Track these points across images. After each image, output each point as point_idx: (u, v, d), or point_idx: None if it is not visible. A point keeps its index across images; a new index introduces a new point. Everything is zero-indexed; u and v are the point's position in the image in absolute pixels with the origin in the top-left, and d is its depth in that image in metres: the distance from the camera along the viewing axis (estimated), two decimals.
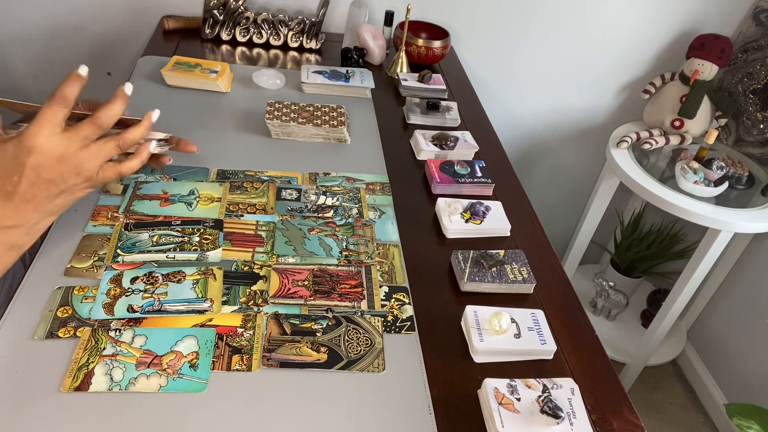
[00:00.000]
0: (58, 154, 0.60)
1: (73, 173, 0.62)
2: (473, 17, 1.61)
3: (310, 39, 1.43)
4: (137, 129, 0.66)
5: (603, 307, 1.88)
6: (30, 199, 0.61)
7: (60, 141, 0.60)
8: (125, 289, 0.71)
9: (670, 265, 1.89)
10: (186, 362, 0.64)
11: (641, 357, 1.73)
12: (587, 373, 0.72)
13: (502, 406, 0.62)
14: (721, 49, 1.51)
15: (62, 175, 0.61)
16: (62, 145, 0.60)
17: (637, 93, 1.77)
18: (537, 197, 1.98)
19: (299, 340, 0.68)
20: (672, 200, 1.40)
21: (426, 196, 0.98)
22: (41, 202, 0.62)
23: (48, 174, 0.60)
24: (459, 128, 1.21)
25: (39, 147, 0.59)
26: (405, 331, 0.72)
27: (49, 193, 0.62)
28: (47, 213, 0.63)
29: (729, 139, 1.67)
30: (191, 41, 1.39)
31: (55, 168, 0.60)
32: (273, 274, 0.76)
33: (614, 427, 0.66)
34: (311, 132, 1.06)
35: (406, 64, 1.39)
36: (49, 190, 0.61)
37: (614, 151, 1.57)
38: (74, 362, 0.62)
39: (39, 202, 0.61)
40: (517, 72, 1.72)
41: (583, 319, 0.80)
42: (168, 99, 1.12)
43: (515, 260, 0.83)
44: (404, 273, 0.81)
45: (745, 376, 1.69)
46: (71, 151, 0.61)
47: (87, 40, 1.57)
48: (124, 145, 0.65)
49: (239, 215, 0.85)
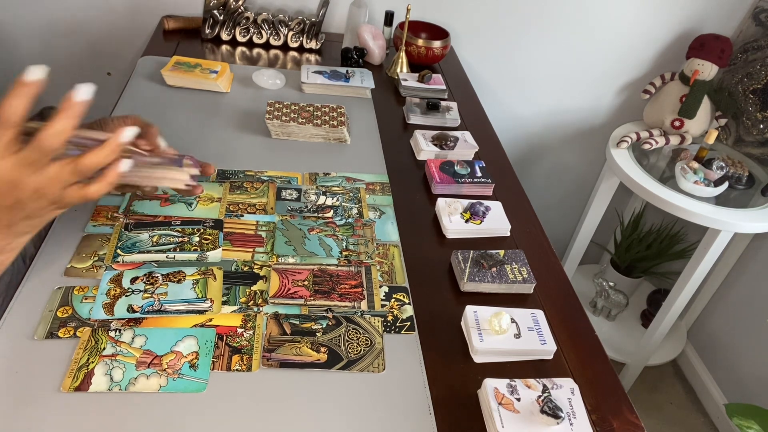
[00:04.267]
0: (9, 180, 0.55)
1: (33, 198, 0.57)
2: (473, 17, 1.61)
3: (310, 39, 1.43)
4: (97, 153, 0.58)
5: (603, 307, 1.88)
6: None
7: (9, 166, 0.54)
8: (125, 289, 0.71)
9: (670, 265, 1.89)
10: (186, 362, 0.64)
11: (641, 357, 1.73)
12: (587, 373, 0.72)
13: (502, 406, 0.62)
14: (721, 49, 1.51)
15: (21, 201, 0.57)
16: (11, 171, 0.54)
17: (637, 93, 1.77)
18: (537, 197, 1.98)
19: (299, 340, 0.68)
20: (672, 200, 1.40)
21: (426, 196, 0.98)
22: (8, 226, 0.58)
23: (6, 201, 0.56)
24: (459, 128, 1.21)
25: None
26: (405, 331, 0.72)
27: (14, 217, 0.58)
28: (18, 233, 0.60)
29: (729, 139, 1.67)
30: (191, 41, 1.39)
31: (11, 194, 0.56)
32: (273, 274, 0.76)
33: (614, 427, 0.66)
34: (311, 132, 1.06)
35: (406, 64, 1.39)
36: (12, 215, 0.57)
37: (614, 151, 1.57)
38: (74, 362, 0.62)
39: (5, 226, 0.58)
40: (517, 72, 1.72)
41: (583, 319, 0.80)
42: (168, 99, 1.12)
43: (515, 260, 0.83)
44: (404, 273, 0.81)
45: (745, 376, 1.69)
46: (22, 177, 0.55)
47: (87, 40, 1.57)
48: (83, 170, 0.58)
49: (239, 215, 0.85)
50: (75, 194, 0.59)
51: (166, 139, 0.74)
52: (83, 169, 0.58)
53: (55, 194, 0.58)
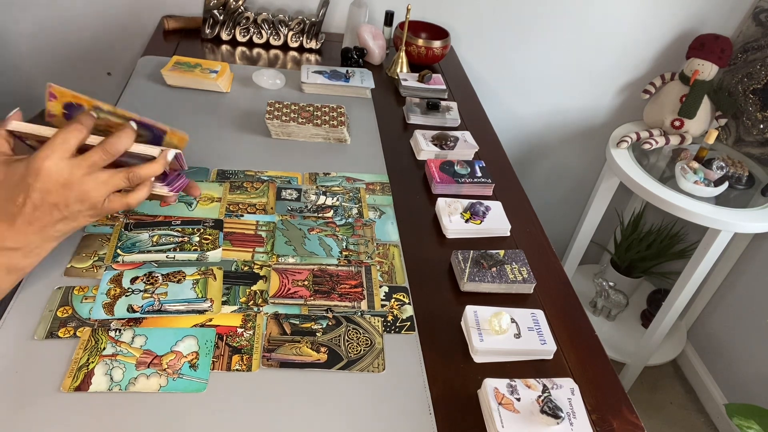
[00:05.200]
0: (64, 179, 0.60)
1: (78, 200, 0.61)
2: (473, 17, 1.61)
3: (310, 39, 1.43)
4: (152, 166, 0.65)
5: (603, 307, 1.88)
6: (32, 221, 0.60)
7: (67, 166, 0.60)
8: (125, 289, 0.71)
9: (670, 265, 1.89)
10: (186, 362, 0.64)
11: (641, 357, 1.73)
12: (587, 373, 0.72)
13: (502, 406, 0.62)
14: (721, 49, 1.51)
15: (67, 200, 0.61)
16: (69, 170, 0.60)
17: (637, 93, 1.77)
18: (537, 197, 1.98)
19: (299, 340, 0.68)
20: (672, 200, 1.40)
21: (426, 196, 0.98)
22: (43, 226, 0.61)
23: (53, 198, 0.60)
24: (459, 128, 1.20)
25: (46, 170, 0.59)
26: (405, 331, 0.72)
27: (51, 218, 0.61)
28: (48, 238, 0.63)
29: (729, 139, 1.67)
30: (191, 41, 1.39)
31: (60, 193, 0.60)
32: (273, 274, 0.76)
33: (614, 427, 0.66)
34: (311, 132, 1.06)
35: (406, 64, 1.39)
36: (52, 215, 0.61)
37: (614, 151, 1.57)
38: (74, 362, 0.62)
39: (41, 226, 0.61)
40: (517, 72, 1.72)
41: (583, 319, 0.80)
42: (168, 99, 1.12)
43: (515, 260, 0.83)
44: (404, 273, 0.81)
45: (745, 376, 1.69)
46: (77, 177, 0.60)
47: (87, 40, 1.57)
48: (134, 179, 0.64)
49: (239, 215, 0.85)
50: (117, 201, 0.65)
51: None
52: (135, 178, 0.64)
53: (98, 199, 0.62)
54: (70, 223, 0.63)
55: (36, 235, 0.61)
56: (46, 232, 0.62)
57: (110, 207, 0.64)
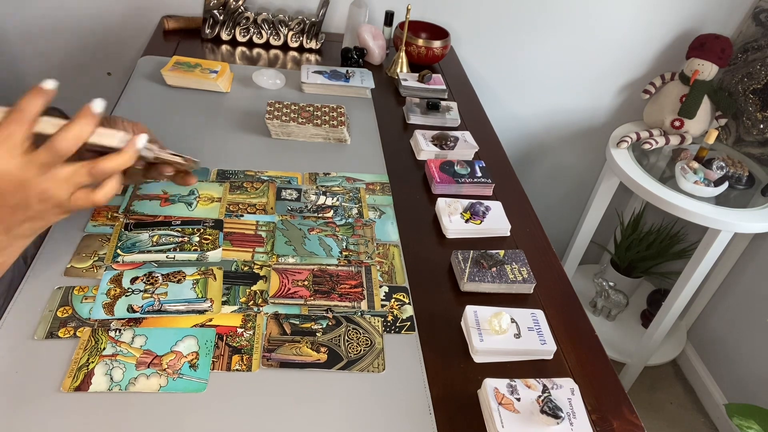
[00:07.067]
0: (18, 180, 0.54)
1: (39, 200, 0.56)
2: (473, 17, 1.61)
3: (310, 39, 1.43)
4: (116, 158, 0.58)
5: (603, 307, 1.88)
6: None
7: (19, 165, 0.53)
8: (125, 289, 0.71)
9: (670, 265, 1.89)
10: (186, 362, 0.64)
11: (641, 357, 1.73)
12: (587, 373, 0.72)
13: (502, 406, 0.62)
14: (721, 49, 1.51)
15: (27, 201, 0.56)
16: (20, 170, 0.54)
17: (637, 93, 1.77)
18: (537, 197, 1.98)
19: (299, 340, 0.68)
20: (672, 200, 1.40)
21: (426, 196, 0.98)
22: (8, 227, 0.57)
23: (11, 200, 0.55)
24: (459, 128, 1.20)
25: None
26: (405, 331, 0.72)
27: (15, 218, 0.57)
28: (17, 236, 0.59)
29: (729, 139, 1.67)
30: (191, 41, 1.39)
31: (17, 194, 0.55)
32: (273, 274, 0.76)
33: (614, 427, 0.66)
34: (311, 132, 1.06)
35: (406, 64, 1.39)
36: (15, 216, 0.57)
37: (614, 151, 1.57)
38: (74, 362, 0.62)
39: (5, 227, 0.57)
40: (517, 72, 1.72)
41: (583, 319, 0.80)
42: (168, 99, 1.12)
43: (515, 260, 0.83)
44: (404, 273, 0.81)
45: (745, 376, 1.69)
46: (30, 177, 0.54)
47: (87, 40, 1.57)
48: (97, 175, 0.58)
49: (239, 215, 0.85)
50: (82, 199, 0.58)
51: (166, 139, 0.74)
52: (98, 173, 0.57)
53: (61, 197, 0.57)
54: (38, 221, 0.59)
55: (3, 235, 0.58)
56: (14, 231, 0.58)
57: (76, 205, 0.58)
